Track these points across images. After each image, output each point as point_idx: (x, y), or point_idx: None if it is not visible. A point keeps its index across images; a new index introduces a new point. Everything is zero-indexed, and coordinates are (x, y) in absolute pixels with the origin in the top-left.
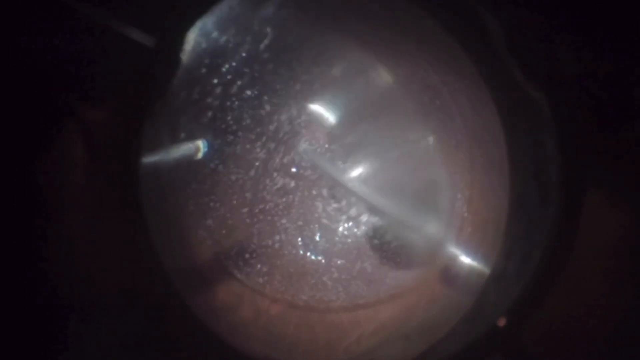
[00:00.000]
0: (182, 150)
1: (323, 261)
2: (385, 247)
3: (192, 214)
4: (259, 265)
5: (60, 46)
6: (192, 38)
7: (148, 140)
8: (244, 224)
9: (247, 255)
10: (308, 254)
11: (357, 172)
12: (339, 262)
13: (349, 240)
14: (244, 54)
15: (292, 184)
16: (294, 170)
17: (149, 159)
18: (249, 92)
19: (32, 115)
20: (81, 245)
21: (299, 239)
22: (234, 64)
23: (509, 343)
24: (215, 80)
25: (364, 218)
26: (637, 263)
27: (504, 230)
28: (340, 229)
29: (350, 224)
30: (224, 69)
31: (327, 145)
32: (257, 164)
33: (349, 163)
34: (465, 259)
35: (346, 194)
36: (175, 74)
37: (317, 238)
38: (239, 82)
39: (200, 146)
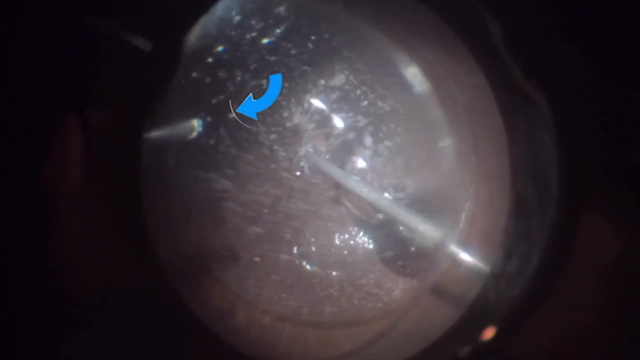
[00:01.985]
0: (181, 133)
1: (319, 273)
2: (390, 253)
3: (189, 215)
4: (251, 273)
5: (58, 48)
6: (191, 41)
7: (147, 139)
8: (239, 229)
9: (240, 262)
10: (304, 264)
11: (361, 176)
12: (334, 274)
13: (346, 252)
14: (246, 52)
15: (292, 189)
16: (295, 173)
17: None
18: (249, 92)
19: (31, 116)
20: (79, 245)
21: (295, 249)
22: (235, 63)
23: (502, 351)
24: (216, 79)
25: (366, 226)
26: (634, 271)
27: (505, 230)
28: (337, 241)
29: (347, 236)
30: (226, 69)
31: (330, 148)
32: (256, 165)
33: (353, 167)
34: (466, 260)
35: (349, 202)
36: (174, 76)
37: (313, 249)
38: (241, 81)
39: (196, 125)
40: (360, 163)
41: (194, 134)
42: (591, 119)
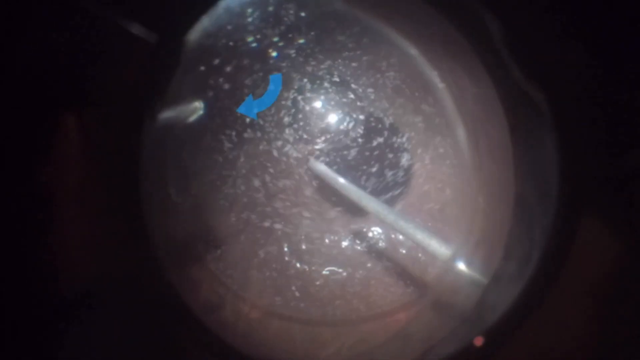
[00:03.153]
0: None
1: (309, 272)
2: (386, 259)
3: (186, 206)
4: (242, 266)
5: (61, 41)
6: (192, 39)
7: (148, 134)
8: (233, 225)
9: (231, 254)
10: (295, 261)
11: (360, 184)
12: (323, 273)
13: (336, 253)
14: (246, 52)
15: (286, 189)
16: (292, 173)
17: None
18: (250, 92)
19: (31, 112)
20: (77, 239)
21: (286, 246)
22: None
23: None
24: (217, 78)
25: (362, 231)
26: (633, 272)
27: (506, 232)
28: (327, 240)
29: (336, 237)
30: (226, 68)
31: (328, 153)
32: (255, 163)
33: (351, 173)
34: (469, 264)
35: (345, 204)
36: (176, 71)
37: (304, 247)
38: (241, 80)
39: (195, 121)
40: (359, 169)
41: (194, 130)
42: (591, 120)
